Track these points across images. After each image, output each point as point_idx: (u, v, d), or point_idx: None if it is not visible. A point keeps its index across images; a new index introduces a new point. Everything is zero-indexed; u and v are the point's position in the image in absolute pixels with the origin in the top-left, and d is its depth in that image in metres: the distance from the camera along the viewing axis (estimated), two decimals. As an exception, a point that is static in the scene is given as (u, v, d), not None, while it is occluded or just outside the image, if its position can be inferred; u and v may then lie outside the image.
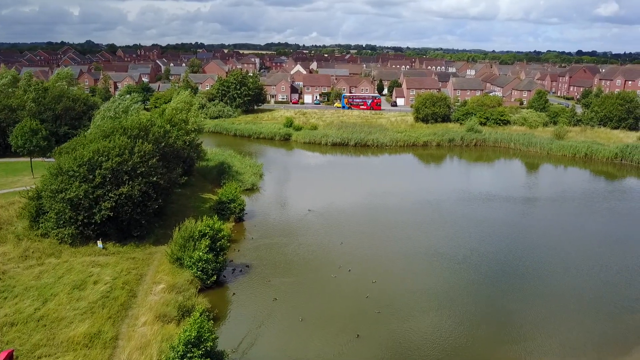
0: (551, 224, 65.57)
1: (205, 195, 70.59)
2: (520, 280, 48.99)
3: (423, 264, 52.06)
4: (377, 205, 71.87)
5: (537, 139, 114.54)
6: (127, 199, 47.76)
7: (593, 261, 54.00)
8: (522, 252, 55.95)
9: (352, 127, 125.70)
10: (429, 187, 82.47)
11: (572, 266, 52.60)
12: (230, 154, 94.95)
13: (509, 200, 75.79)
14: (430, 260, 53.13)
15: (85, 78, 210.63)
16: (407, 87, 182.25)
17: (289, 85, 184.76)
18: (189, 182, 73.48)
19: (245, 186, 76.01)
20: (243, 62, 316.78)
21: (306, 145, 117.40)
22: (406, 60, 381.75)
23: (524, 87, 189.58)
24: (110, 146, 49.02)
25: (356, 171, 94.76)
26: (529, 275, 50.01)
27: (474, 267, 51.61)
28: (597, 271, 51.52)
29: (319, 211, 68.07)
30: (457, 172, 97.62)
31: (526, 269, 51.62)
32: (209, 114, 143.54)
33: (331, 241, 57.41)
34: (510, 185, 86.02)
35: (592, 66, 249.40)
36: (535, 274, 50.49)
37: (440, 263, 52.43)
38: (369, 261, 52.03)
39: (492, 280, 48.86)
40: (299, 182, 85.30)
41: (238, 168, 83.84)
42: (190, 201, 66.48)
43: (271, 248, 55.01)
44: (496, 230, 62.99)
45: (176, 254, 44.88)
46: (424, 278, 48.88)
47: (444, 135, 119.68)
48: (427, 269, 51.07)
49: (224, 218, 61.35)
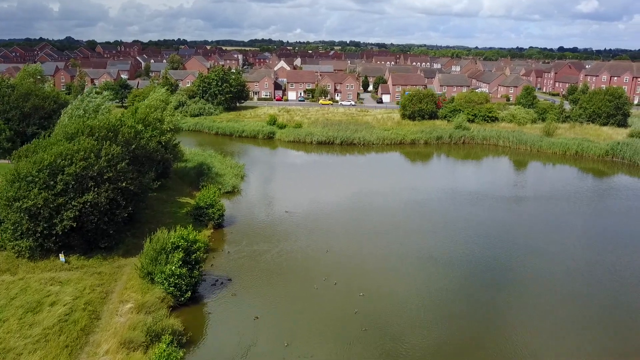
0: (549, 224, 62.66)
1: (183, 199, 66.25)
2: (521, 290, 45.82)
3: (413, 272, 48.56)
4: (364, 207, 68.28)
5: (527, 136, 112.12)
6: (93, 208, 43.31)
7: (592, 265, 51.15)
8: (525, 260, 52.82)
9: (338, 125, 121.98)
10: (418, 187, 79.16)
11: (576, 272, 49.64)
12: (211, 154, 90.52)
13: (501, 200, 72.79)
14: (420, 267, 49.66)
15: (61, 75, 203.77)
16: (393, 84, 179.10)
17: (273, 81, 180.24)
18: (165, 185, 69.06)
19: (226, 189, 71.79)
20: (225, 59, 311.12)
21: (290, 144, 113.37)
22: (391, 56, 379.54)
23: (510, 83, 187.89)
24: (74, 149, 44.48)
25: (342, 171, 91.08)
26: (529, 285, 46.89)
27: (468, 274, 48.29)
28: (599, 275, 48.63)
29: (303, 214, 64.25)
30: (446, 171, 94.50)
31: (528, 279, 48.48)
32: (190, 112, 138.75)
33: (316, 248, 53.62)
34: (500, 184, 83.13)
35: (577, 62, 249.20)
36: (539, 284, 47.37)
37: (431, 270, 49.00)
38: (355, 271, 48.31)
39: (489, 288, 45.59)
40: (282, 183, 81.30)
41: (218, 169, 79.52)
42: (166, 206, 62.13)
43: (252, 258, 51.00)
44: (491, 232, 59.83)
45: (147, 268, 40.67)
46: (415, 287, 45.38)
47: (432, 132, 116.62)
48: (418, 277, 47.58)
49: (201, 224, 57.28)
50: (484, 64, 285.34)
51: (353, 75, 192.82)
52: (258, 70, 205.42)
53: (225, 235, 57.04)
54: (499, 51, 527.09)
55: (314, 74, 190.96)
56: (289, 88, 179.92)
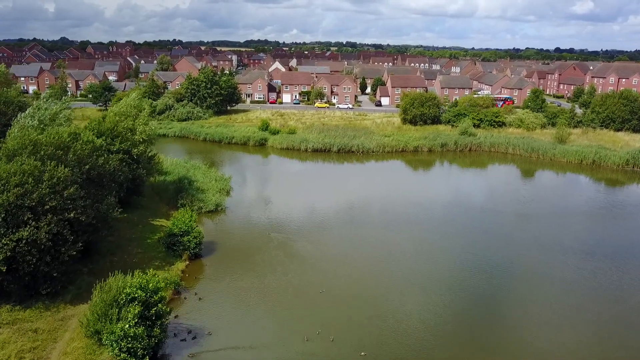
0: (573, 246, 54.38)
1: (157, 221, 57.58)
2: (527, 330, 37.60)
3: (423, 326, 40.17)
4: (363, 229, 59.82)
5: (538, 143, 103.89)
6: (30, 246, 34.77)
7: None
8: (537, 294, 44.59)
9: (335, 130, 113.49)
10: (423, 202, 70.75)
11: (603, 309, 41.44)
12: (194, 165, 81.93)
13: (517, 216, 64.46)
14: (432, 321, 41.31)
15: (45, 77, 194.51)
16: (392, 86, 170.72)
17: (266, 83, 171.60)
18: (138, 205, 60.50)
19: (208, 207, 63.10)
20: (219, 59, 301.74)
21: (284, 151, 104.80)
22: (388, 57, 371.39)
23: (514, 85, 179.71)
24: (6, 172, 35.85)
25: (339, 182, 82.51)
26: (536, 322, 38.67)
27: (480, 312, 40.02)
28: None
29: (294, 237, 55.74)
30: (453, 184, 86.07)
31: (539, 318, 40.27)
32: (177, 116, 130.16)
33: (308, 286, 45.08)
34: (514, 198, 74.74)
35: (581, 63, 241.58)
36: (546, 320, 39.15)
37: (444, 322, 40.70)
38: (355, 323, 39.56)
39: (503, 328, 37.32)
40: (272, 198, 72.60)
41: (201, 183, 70.93)
42: (136, 231, 53.47)
43: (233, 302, 42.50)
44: (508, 261, 51.56)
45: (94, 325, 32.16)
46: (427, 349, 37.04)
47: (436, 139, 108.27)
48: (433, 334, 39.24)
49: (175, 255, 48.73)
50: (483, 65, 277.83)
51: (350, 77, 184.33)
52: (251, 72, 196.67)
53: (203, 268, 48.44)
54: (496, 52, 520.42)
55: (309, 76, 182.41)
56: (283, 90, 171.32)
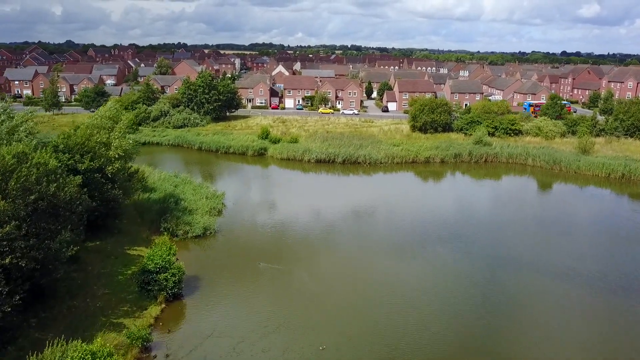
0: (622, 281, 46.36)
1: (134, 250, 49.88)
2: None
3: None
4: (373, 259, 51.99)
5: (560, 154, 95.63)
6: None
7: None
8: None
9: (340, 138, 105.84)
10: (442, 228, 62.72)
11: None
12: (184, 180, 74.29)
13: (544, 238, 56.48)
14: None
15: (40, 80, 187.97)
16: (400, 90, 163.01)
17: (268, 88, 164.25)
18: (114, 228, 52.93)
19: (195, 232, 55.29)
20: (221, 63, 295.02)
21: (284, 162, 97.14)
22: (394, 60, 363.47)
23: (527, 89, 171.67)
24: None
25: (344, 198, 74.55)
26: None
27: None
28: None
29: (290, 270, 47.99)
30: (471, 201, 78.05)
31: None
32: (173, 123, 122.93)
33: (306, 342, 37.25)
34: (539, 217, 66.68)
35: (596, 67, 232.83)
36: None
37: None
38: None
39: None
40: (269, 218, 64.79)
41: (189, 202, 63.25)
42: (107, 263, 45.80)
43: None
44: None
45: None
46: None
47: (448, 149, 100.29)
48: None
49: (149, 296, 41.04)
50: (491, 69, 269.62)
51: (356, 81, 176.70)
52: (252, 76, 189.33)
53: (182, 313, 40.68)
54: (503, 55, 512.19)
55: (313, 80, 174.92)
56: (286, 95, 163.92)
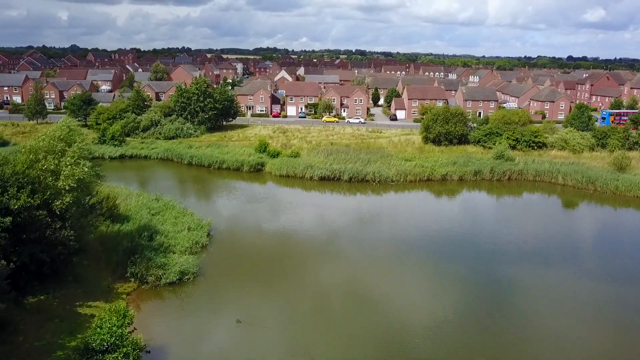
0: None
1: (89, 306, 39.44)
2: None
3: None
4: (379, 317, 41.58)
5: (594, 172, 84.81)
6: None
7: None
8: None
9: (345, 152, 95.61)
10: (466, 269, 52.23)
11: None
12: (166, 204, 63.94)
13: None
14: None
15: (30, 86, 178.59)
16: (409, 98, 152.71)
17: (270, 94, 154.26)
18: (69, 274, 42.67)
19: (169, 278, 44.92)
20: (222, 68, 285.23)
21: (284, 179, 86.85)
22: (400, 65, 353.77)
23: (545, 97, 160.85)
24: None
25: (351, 224, 64.09)
26: None
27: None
28: None
29: (277, 328, 37.59)
30: (499, 230, 67.48)
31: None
32: (164, 133, 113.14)
33: None
34: (580, 252, 56.10)
35: (615, 73, 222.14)
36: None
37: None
38: None
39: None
40: (260, 258, 54.42)
41: (168, 235, 52.92)
42: (48, 329, 35.42)
43: None
44: None
45: None
46: None
47: (467, 165, 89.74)
48: None
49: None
50: (501, 74, 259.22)
51: (362, 88, 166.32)
52: (253, 81, 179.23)
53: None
54: (508, 60, 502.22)
55: (317, 86, 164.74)
56: (288, 102, 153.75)
